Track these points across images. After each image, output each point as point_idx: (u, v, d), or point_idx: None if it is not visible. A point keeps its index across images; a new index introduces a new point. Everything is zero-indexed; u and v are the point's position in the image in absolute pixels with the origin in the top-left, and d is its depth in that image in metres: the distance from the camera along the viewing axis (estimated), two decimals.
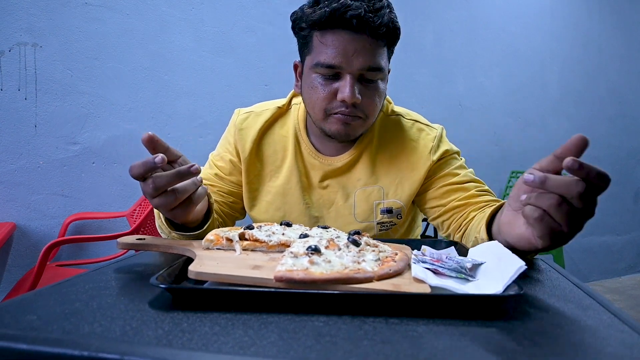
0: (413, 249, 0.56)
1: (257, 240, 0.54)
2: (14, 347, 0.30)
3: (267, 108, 0.91)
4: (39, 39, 1.82)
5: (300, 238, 0.53)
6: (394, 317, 0.37)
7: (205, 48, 2.10)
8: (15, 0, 1.78)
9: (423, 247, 0.56)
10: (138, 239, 0.58)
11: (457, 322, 0.36)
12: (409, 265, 0.48)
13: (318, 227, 0.62)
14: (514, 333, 0.34)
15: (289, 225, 0.61)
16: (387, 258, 0.49)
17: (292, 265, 0.42)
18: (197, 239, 0.61)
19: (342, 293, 0.39)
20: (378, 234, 0.87)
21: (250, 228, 0.57)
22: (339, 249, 0.48)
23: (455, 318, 0.37)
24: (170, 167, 0.58)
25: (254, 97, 2.17)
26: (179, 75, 2.06)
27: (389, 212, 0.86)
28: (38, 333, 0.33)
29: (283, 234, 0.56)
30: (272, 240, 0.54)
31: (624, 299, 2.75)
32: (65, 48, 1.86)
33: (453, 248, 0.60)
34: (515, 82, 2.92)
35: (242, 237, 0.55)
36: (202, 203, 0.65)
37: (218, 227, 0.75)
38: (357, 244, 0.51)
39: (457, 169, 0.86)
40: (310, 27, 0.74)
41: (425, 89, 2.66)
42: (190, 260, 0.48)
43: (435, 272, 0.46)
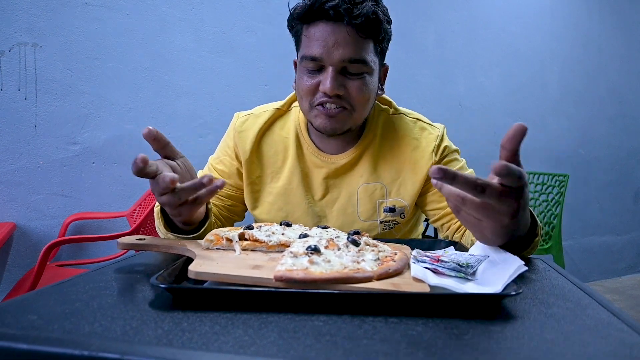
0: (413, 249, 0.56)
1: (256, 240, 0.54)
2: (15, 347, 0.31)
3: (265, 110, 0.92)
4: (39, 39, 1.82)
5: (300, 238, 0.53)
6: (394, 316, 0.37)
7: (205, 48, 2.10)
8: (15, 0, 1.78)
9: (415, 250, 0.55)
10: (138, 239, 0.58)
11: (456, 321, 0.36)
12: (409, 265, 0.48)
13: (318, 227, 0.62)
14: (513, 332, 0.34)
15: (289, 225, 0.62)
16: (386, 258, 0.49)
17: (291, 265, 0.43)
18: (195, 240, 0.61)
19: (341, 292, 0.39)
20: (381, 233, 0.87)
21: (250, 228, 0.57)
22: (339, 249, 0.48)
23: (455, 317, 0.37)
24: (175, 162, 0.61)
25: (254, 97, 2.17)
26: (179, 75, 2.06)
27: (392, 210, 0.86)
28: (38, 333, 0.33)
29: (283, 234, 0.56)
30: (271, 240, 0.54)
31: (624, 299, 2.75)
32: (65, 48, 1.86)
33: (452, 248, 0.60)
34: (515, 82, 2.92)
35: (241, 237, 0.55)
36: (202, 206, 0.65)
37: None
38: (356, 244, 0.51)
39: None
40: (298, 22, 0.77)
41: (427, 90, 2.66)
42: (190, 260, 0.48)
43: (435, 271, 0.46)
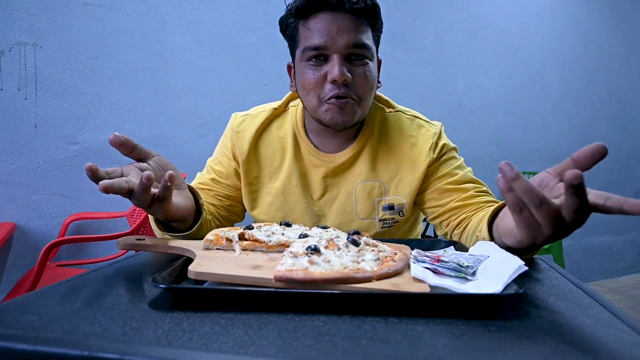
0: (413, 249, 0.56)
1: (256, 241, 0.54)
2: (15, 347, 0.31)
3: (263, 110, 0.92)
4: (39, 39, 1.82)
5: (300, 238, 0.53)
6: (393, 316, 0.37)
7: (205, 48, 2.10)
8: (15, 0, 1.78)
9: (415, 249, 0.55)
10: (138, 239, 0.58)
11: (456, 321, 0.36)
12: (409, 265, 0.48)
13: (317, 227, 0.62)
14: (513, 332, 0.34)
15: (289, 225, 0.61)
16: (386, 258, 0.49)
17: (291, 265, 0.43)
18: (192, 239, 0.61)
19: (341, 293, 0.39)
20: (380, 232, 0.87)
21: (250, 228, 0.57)
22: (339, 249, 0.48)
23: (455, 317, 0.37)
24: (146, 164, 0.63)
25: (254, 97, 2.17)
26: (179, 75, 2.06)
27: (391, 208, 0.86)
28: (38, 333, 0.33)
29: (282, 234, 0.56)
30: (271, 241, 0.54)
31: (624, 299, 2.75)
32: (65, 48, 1.86)
33: (452, 247, 0.60)
34: (515, 82, 2.92)
35: (241, 237, 0.55)
36: (186, 203, 0.65)
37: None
38: (356, 244, 0.51)
39: (455, 169, 0.86)
40: (295, 17, 0.77)
41: (426, 89, 2.66)
42: (190, 260, 0.48)
43: (435, 271, 0.46)
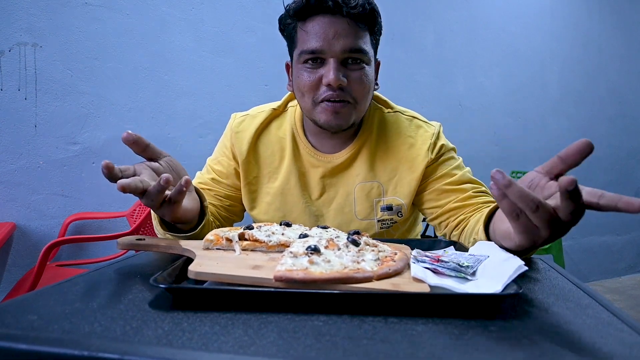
0: (412, 249, 0.56)
1: (256, 241, 0.54)
2: (15, 347, 0.31)
3: (262, 110, 0.92)
4: (39, 39, 1.82)
5: (300, 238, 0.53)
6: (393, 316, 0.37)
7: (205, 48, 2.10)
8: (15, 0, 1.78)
9: (415, 250, 0.55)
10: (138, 239, 0.58)
11: (456, 321, 0.36)
12: (409, 265, 0.48)
13: (318, 227, 0.62)
14: (513, 332, 0.34)
15: (289, 225, 0.61)
16: (386, 258, 0.49)
17: (291, 265, 0.43)
18: (194, 239, 0.61)
19: (341, 293, 0.39)
20: (379, 232, 0.87)
21: (250, 228, 0.57)
22: (339, 249, 0.48)
23: (455, 317, 0.37)
24: (158, 164, 0.61)
25: (254, 97, 2.17)
26: (179, 75, 2.06)
27: (389, 209, 0.86)
28: (38, 333, 0.33)
29: (283, 234, 0.56)
30: (271, 241, 0.54)
31: (624, 299, 2.75)
32: (65, 48, 1.86)
33: (452, 247, 0.60)
34: (515, 82, 2.92)
35: (241, 237, 0.55)
36: (192, 205, 0.65)
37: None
38: (356, 244, 0.51)
39: (454, 169, 0.86)
40: (293, 19, 0.77)
41: (426, 89, 2.66)
42: (190, 260, 0.48)
43: (435, 271, 0.46)
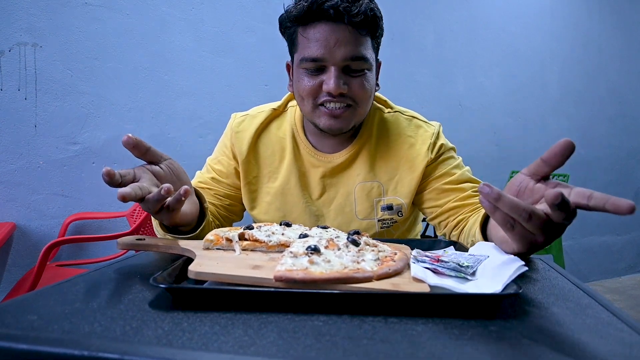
0: (412, 249, 0.56)
1: (256, 241, 0.54)
2: (15, 347, 0.31)
3: (262, 110, 0.92)
4: (39, 39, 1.82)
5: (300, 238, 0.53)
6: (393, 316, 0.37)
7: (205, 48, 2.10)
8: (15, 0, 1.78)
9: (415, 250, 0.55)
10: (138, 239, 0.58)
11: (456, 321, 0.36)
12: (408, 265, 0.48)
13: (318, 227, 0.62)
14: (513, 332, 0.34)
15: (289, 226, 0.61)
16: (386, 258, 0.49)
17: (291, 265, 0.43)
18: (195, 240, 0.61)
19: (341, 293, 0.39)
20: (379, 232, 0.87)
21: (250, 228, 0.57)
22: (339, 249, 0.48)
23: (454, 317, 0.37)
24: (158, 167, 0.61)
25: (254, 97, 2.17)
26: (179, 75, 2.06)
27: (390, 209, 0.86)
28: (38, 333, 0.33)
29: (283, 234, 0.56)
30: (271, 241, 0.54)
31: (624, 299, 2.75)
32: (65, 48, 1.86)
33: (452, 248, 0.60)
34: (515, 82, 2.92)
35: (241, 237, 0.55)
36: (191, 209, 0.65)
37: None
38: (356, 244, 0.51)
39: (453, 169, 0.86)
40: (294, 24, 0.75)
41: (426, 89, 2.66)
42: (190, 260, 0.48)
43: (435, 271, 0.46)
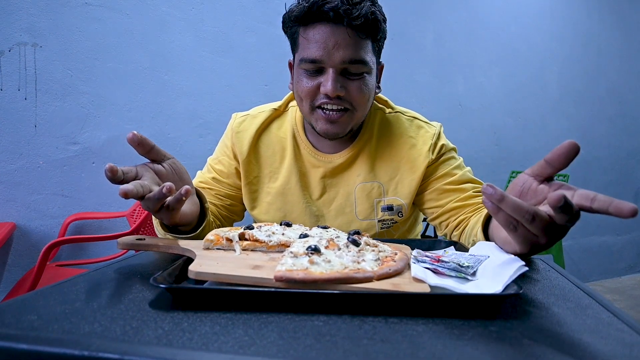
0: (413, 249, 0.56)
1: (257, 241, 0.54)
2: (15, 347, 0.30)
3: (262, 110, 0.92)
4: (39, 39, 1.82)
5: (300, 238, 0.53)
6: (394, 316, 0.37)
7: (205, 48, 2.10)
8: (15, 0, 1.78)
9: (416, 250, 0.55)
10: (138, 239, 0.58)
11: (456, 321, 0.36)
12: (409, 265, 0.48)
13: (318, 227, 0.62)
14: (513, 332, 0.34)
15: (289, 226, 0.61)
16: (386, 258, 0.49)
17: (292, 265, 0.43)
18: (195, 240, 0.61)
19: (341, 293, 0.39)
20: (379, 232, 0.87)
21: (250, 228, 0.57)
22: (339, 249, 0.48)
23: (455, 317, 0.37)
24: (161, 166, 0.61)
25: (254, 97, 2.17)
26: (179, 75, 2.06)
27: (390, 209, 0.86)
28: (39, 333, 0.33)
29: (283, 234, 0.56)
30: (272, 241, 0.54)
31: (624, 299, 2.75)
32: (65, 48, 1.86)
33: (452, 248, 0.60)
34: (515, 82, 2.92)
35: (242, 237, 0.55)
36: (192, 209, 0.65)
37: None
38: (356, 244, 0.51)
39: (454, 169, 0.86)
40: (295, 24, 0.75)
41: (426, 89, 2.66)
42: (190, 260, 0.48)
43: (435, 271, 0.46)
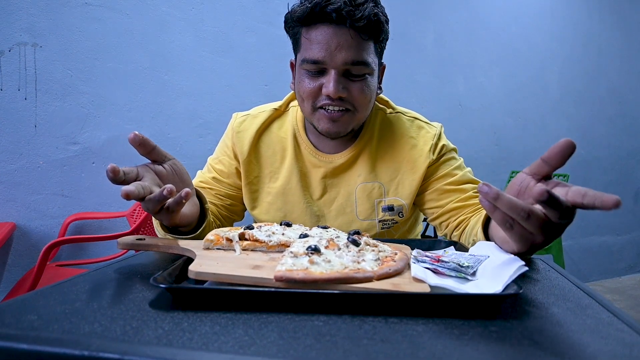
0: (413, 249, 0.56)
1: (257, 240, 0.54)
2: (15, 347, 0.30)
3: (263, 110, 0.92)
4: (39, 39, 1.82)
5: (300, 238, 0.53)
6: (394, 316, 0.37)
7: (205, 48, 2.10)
8: (15, 0, 1.78)
9: (416, 250, 0.55)
10: (138, 239, 0.58)
11: (456, 321, 0.36)
12: (409, 265, 0.48)
13: (318, 227, 0.62)
14: (513, 332, 0.34)
15: (289, 226, 0.61)
16: (386, 258, 0.49)
17: (292, 265, 0.43)
18: (195, 240, 0.61)
19: (341, 293, 0.39)
20: (380, 232, 0.87)
21: (250, 228, 0.57)
22: (339, 249, 0.48)
23: (455, 317, 0.37)
24: (162, 167, 0.61)
25: (254, 97, 2.17)
26: (179, 75, 2.06)
27: (391, 209, 0.86)
28: (39, 333, 0.33)
29: (283, 234, 0.56)
30: (272, 241, 0.54)
31: (624, 299, 2.75)
32: (65, 48, 1.86)
33: (452, 248, 0.60)
34: (515, 82, 2.92)
35: (242, 237, 0.55)
36: (192, 210, 0.65)
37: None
38: (356, 244, 0.51)
39: (455, 170, 0.86)
40: (297, 24, 0.75)
41: (426, 89, 2.66)
42: (190, 260, 0.48)
43: (435, 271, 0.46)
